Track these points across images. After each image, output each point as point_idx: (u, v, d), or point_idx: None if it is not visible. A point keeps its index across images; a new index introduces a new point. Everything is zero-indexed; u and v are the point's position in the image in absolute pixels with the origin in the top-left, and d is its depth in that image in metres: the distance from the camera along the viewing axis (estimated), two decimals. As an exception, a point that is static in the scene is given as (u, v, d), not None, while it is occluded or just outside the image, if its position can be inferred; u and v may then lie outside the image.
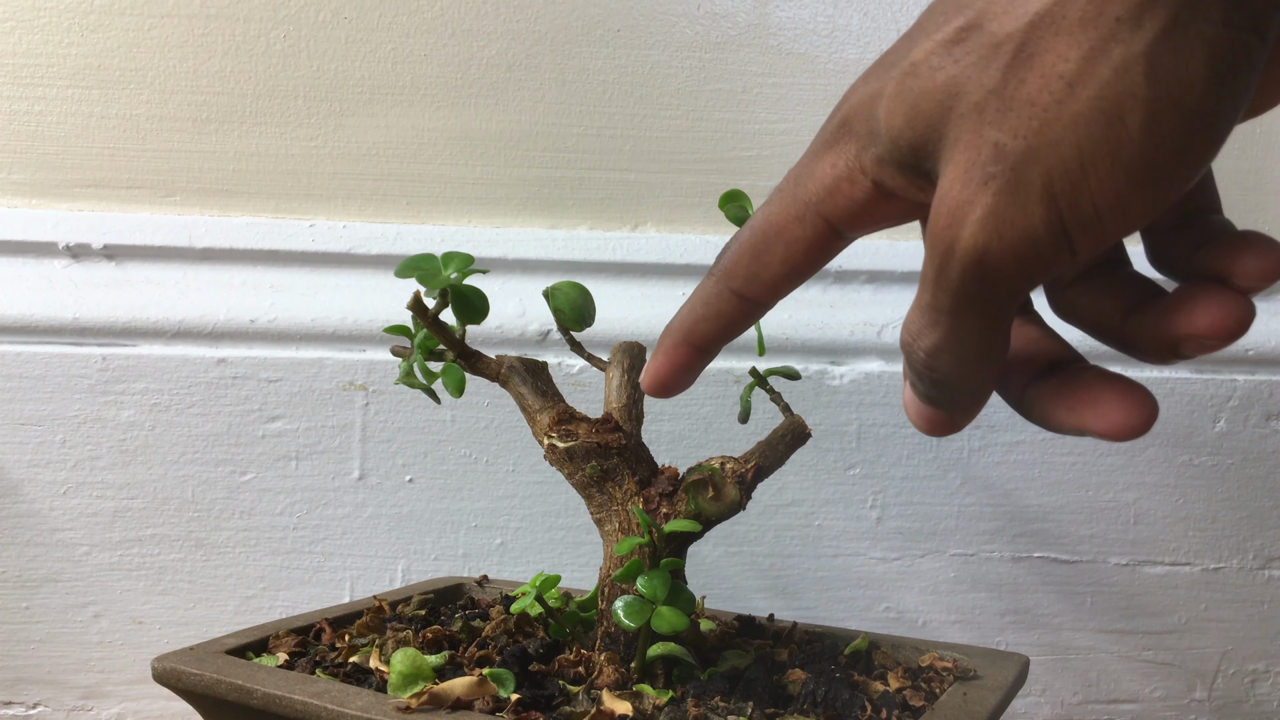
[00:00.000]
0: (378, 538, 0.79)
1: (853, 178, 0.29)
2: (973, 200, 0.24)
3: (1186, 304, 0.27)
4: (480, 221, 0.83)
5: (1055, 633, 0.83)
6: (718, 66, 0.84)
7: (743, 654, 0.52)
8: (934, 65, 0.26)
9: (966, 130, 0.25)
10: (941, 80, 0.25)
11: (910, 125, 0.26)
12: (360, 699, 0.43)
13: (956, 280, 0.25)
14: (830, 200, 0.29)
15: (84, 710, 0.78)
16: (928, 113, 0.26)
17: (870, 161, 0.28)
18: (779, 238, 0.31)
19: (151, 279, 0.79)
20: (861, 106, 0.28)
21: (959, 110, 0.25)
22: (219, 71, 0.80)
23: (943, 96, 0.25)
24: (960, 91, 0.25)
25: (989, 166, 0.24)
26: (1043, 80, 0.24)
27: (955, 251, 0.25)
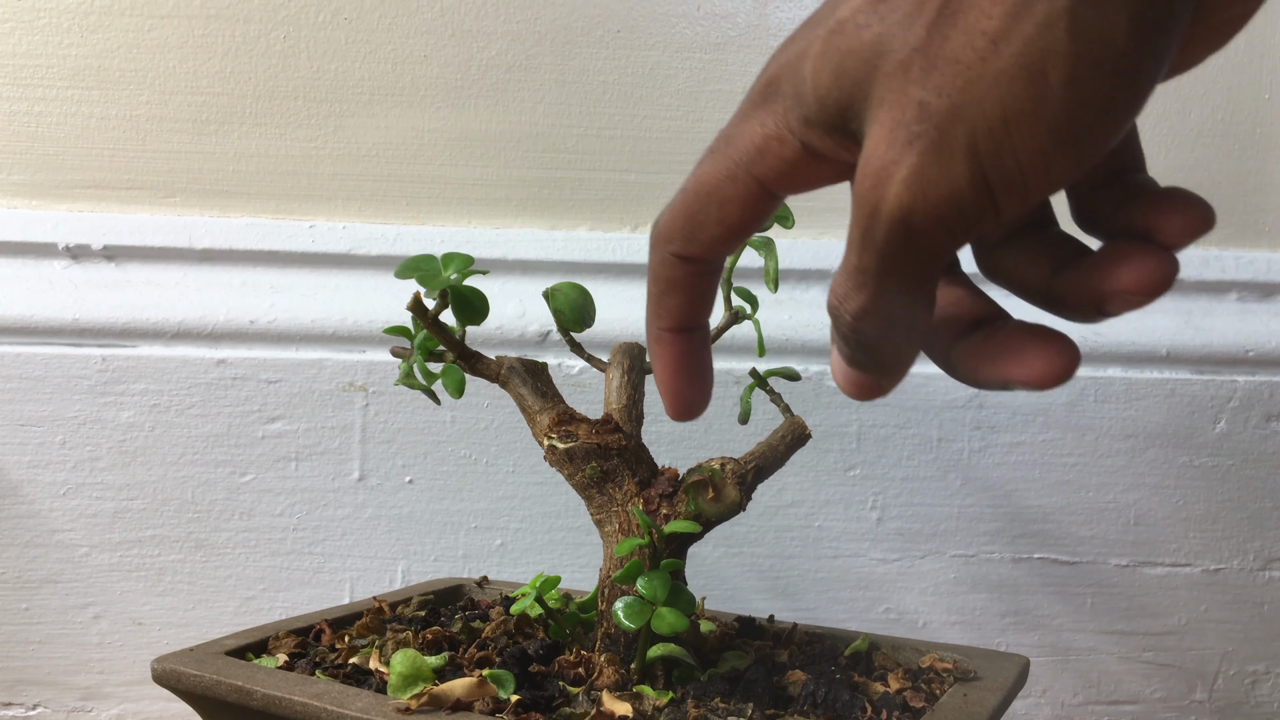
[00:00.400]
0: (377, 539, 0.79)
1: (781, 138, 0.28)
2: (898, 160, 0.24)
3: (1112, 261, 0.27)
4: (480, 222, 0.83)
5: (1056, 634, 0.83)
6: (718, 67, 0.84)
7: (743, 655, 0.52)
8: (859, 23, 0.25)
9: (891, 89, 0.24)
10: (867, 38, 0.25)
11: (836, 84, 0.26)
12: (360, 700, 0.43)
13: (882, 241, 0.25)
14: (760, 160, 0.29)
15: (84, 711, 0.78)
16: (853, 71, 0.25)
17: (797, 122, 0.28)
18: (712, 197, 0.30)
19: (151, 280, 0.79)
20: (788, 66, 0.28)
21: (884, 68, 0.25)
22: (219, 72, 0.80)
23: (868, 54, 0.25)
24: (885, 49, 0.25)
25: (914, 125, 0.24)
26: (966, 37, 0.23)
27: (881, 212, 0.25)
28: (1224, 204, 0.87)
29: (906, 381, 0.81)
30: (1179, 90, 0.86)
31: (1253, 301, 0.86)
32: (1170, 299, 0.85)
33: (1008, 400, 0.82)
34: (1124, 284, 0.27)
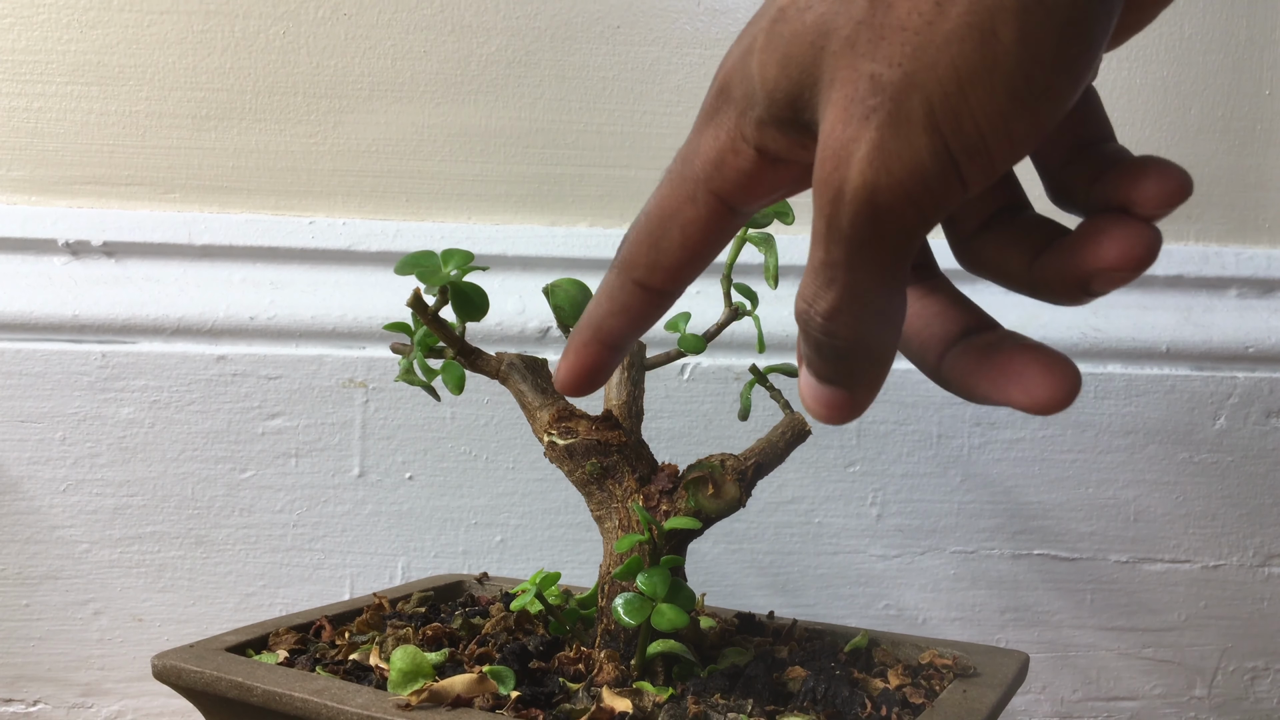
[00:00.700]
0: (378, 535, 0.79)
1: (736, 147, 0.27)
2: (855, 138, 0.23)
3: (1092, 238, 0.26)
4: (480, 218, 0.83)
5: (1055, 630, 0.83)
6: (717, 63, 0.83)
7: (743, 651, 0.52)
8: (801, 6, 0.24)
9: (841, 66, 0.23)
10: (811, 20, 0.24)
11: (784, 73, 0.25)
12: (360, 696, 0.43)
13: (848, 226, 0.24)
14: (718, 175, 0.28)
15: (84, 707, 0.78)
16: (799, 56, 0.24)
17: (751, 126, 0.27)
18: (673, 220, 0.29)
19: (151, 276, 0.79)
20: (736, 69, 0.27)
21: (830, 47, 0.24)
22: (218, 68, 0.80)
23: (813, 36, 0.24)
24: (829, 28, 0.24)
25: (868, 100, 0.23)
26: (910, 3, 0.23)
27: (844, 194, 0.24)
28: (1224, 200, 0.87)
29: (906, 379, 0.81)
30: (1179, 86, 0.86)
31: (1253, 298, 0.86)
32: (1170, 295, 0.85)
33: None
34: (1106, 260, 0.26)
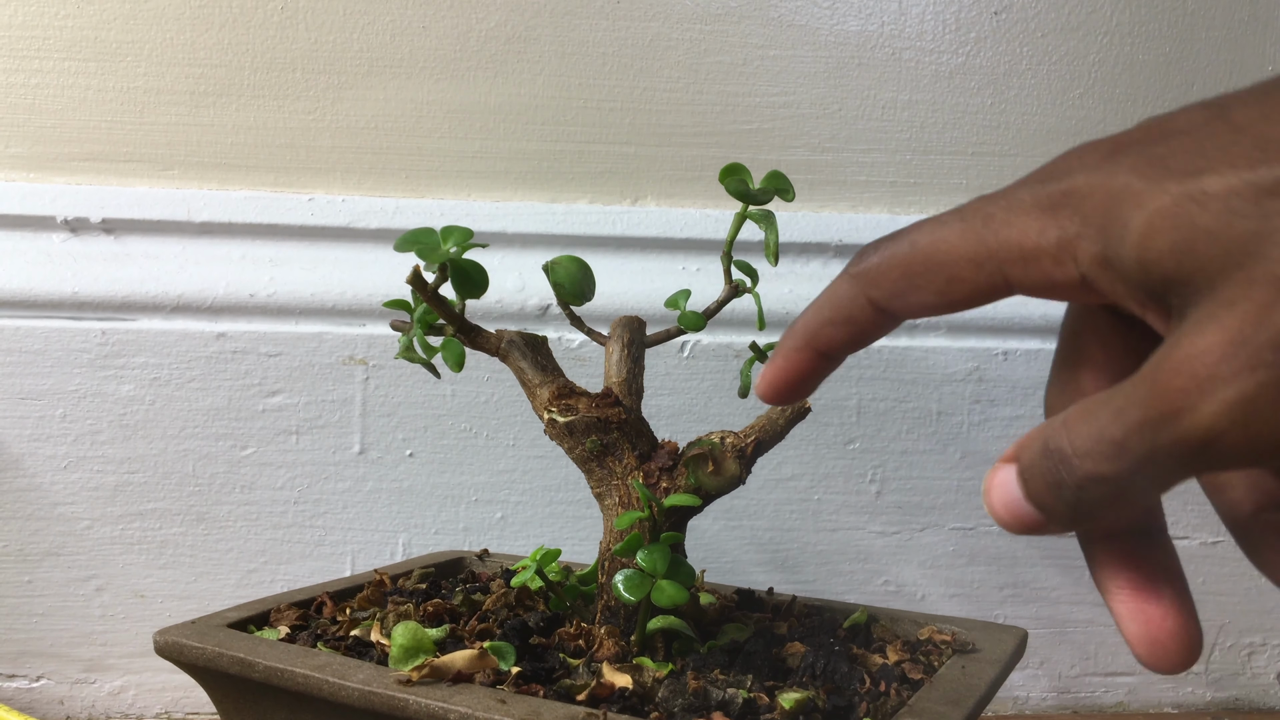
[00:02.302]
0: (378, 512, 0.80)
1: (1059, 258, 0.25)
2: (1228, 379, 0.21)
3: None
4: (480, 195, 0.83)
5: (1053, 606, 0.84)
6: (718, 38, 0.83)
7: (742, 627, 0.52)
8: (1234, 208, 0.22)
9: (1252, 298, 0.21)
10: (1240, 231, 0.22)
11: (1175, 258, 0.23)
12: (361, 672, 0.43)
13: (1166, 443, 0.23)
14: (1022, 265, 0.26)
15: (87, 683, 0.78)
16: (1205, 256, 0.22)
17: (1089, 256, 0.25)
18: (943, 269, 0.27)
19: (150, 253, 0.79)
20: (1103, 194, 0.24)
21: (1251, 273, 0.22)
22: (216, 44, 0.80)
23: (1234, 249, 0.22)
24: (1260, 254, 0.21)
25: (1265, 352, 0.21)
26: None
27: (1182, 419, 0.22)
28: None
29: (906, 355, 0.81)
30: (1181, 64, 0.85)
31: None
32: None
33: (1007, 374, 0.82)
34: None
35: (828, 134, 0.84)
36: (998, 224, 0.27)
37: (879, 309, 0.29)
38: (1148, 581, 0.27)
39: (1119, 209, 0.24)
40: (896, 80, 0.84)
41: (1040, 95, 0.85)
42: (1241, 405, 0.22)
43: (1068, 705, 0.84)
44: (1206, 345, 0.22)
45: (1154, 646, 0.26)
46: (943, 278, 0.28)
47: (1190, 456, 0.23)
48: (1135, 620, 0.27)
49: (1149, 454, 0.23)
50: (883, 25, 0.84)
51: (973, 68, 0.85)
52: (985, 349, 0.82)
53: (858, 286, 0.29)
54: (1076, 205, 0.25)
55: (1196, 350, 0.22)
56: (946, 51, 0.85)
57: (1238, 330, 0.22)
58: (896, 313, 0.29)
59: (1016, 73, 0.85)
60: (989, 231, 0.27)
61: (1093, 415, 0.24)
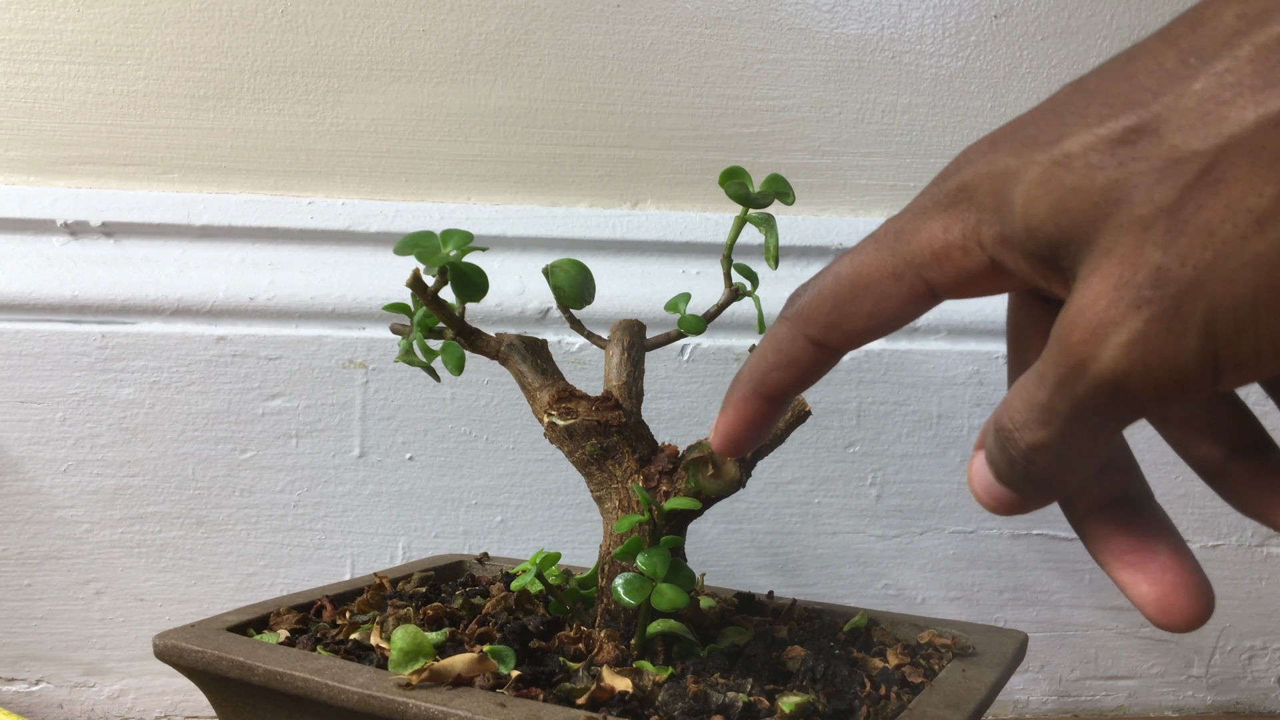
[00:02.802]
0: (378, 515, 0.79)
1: (967, 248, 0.27)
2: (1119, 321, 0.23)
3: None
4: (479, 199, 0.83)
5: (1054, 609, 0.83)
6: (718, 42, 0.83)
7: (742, 631, 0.52)
8: (1092, 163, 0.24)
9: (1124, 243, 0.23)
10: (1101, 182, 0.23)
11: (1054, 220, 0.24)
12: (361, 676, 0.43)
13: (1083, 395, 0.24)
14: (936, 265, 0.28)
15: (86, 686, 0.78)
16: (1077, 212, 0.24)
17: (991, 238, 0.26)
18: (869, 291, 0.29)
19: (150, 256, 0.79)
20: (990, 179, 0.26)
21: (1118, 219, 0.23)
22: (216, 47, 0.80)
23: (1099, 200, 0.23)
24: (1123, 199, 0.23)
25: (1146, 289, 0.23)
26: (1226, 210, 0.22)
27: (1089, 368, 0.24)
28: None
29: (906, 359, 0.81)
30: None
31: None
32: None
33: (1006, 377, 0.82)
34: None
35: (828, 137, 0.84)
36: (907, 235, 0.28)
37: (818, 345, 0.30)
38: (1143, 544, 0.28)
39: (1004, 189, 0.26)
40: (896, 84, 0.84)
41: (1040, 98, 0.85)
42: (1136, 343, 0.23)
43: (1068, 709, 0.84)
44: (1094, 295, 0.23)
45: (1162, 603, 0.27)
46: (870, 300, 0.29)
47: (1107, 403, 0.24)
48: (1139, 583, 0.27)
49: (1073, 410, 0.25)
50: (883, 29, 0.84)
51: (973, 71, 0.85)
52: (985, 352, 0.82)
53: (796, 327, 0.30)
54: (970, 196, 0.27)
55: (1087, 301, 0.23)
56: (946, 55, 0.85)
57: (1117, 275, 0.23)
58: (835, 346, 0.30)
59: (1017, 76, 0.85)
60: (901, 244, 0.28)
61: (1022, 388, 0.26)
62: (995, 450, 0.27)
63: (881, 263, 0.29)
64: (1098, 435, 0.25)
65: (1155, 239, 0.23)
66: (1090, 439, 0.25)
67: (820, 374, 0.31)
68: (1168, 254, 0.22)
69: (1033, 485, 0.27)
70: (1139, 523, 0.29)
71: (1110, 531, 0.29)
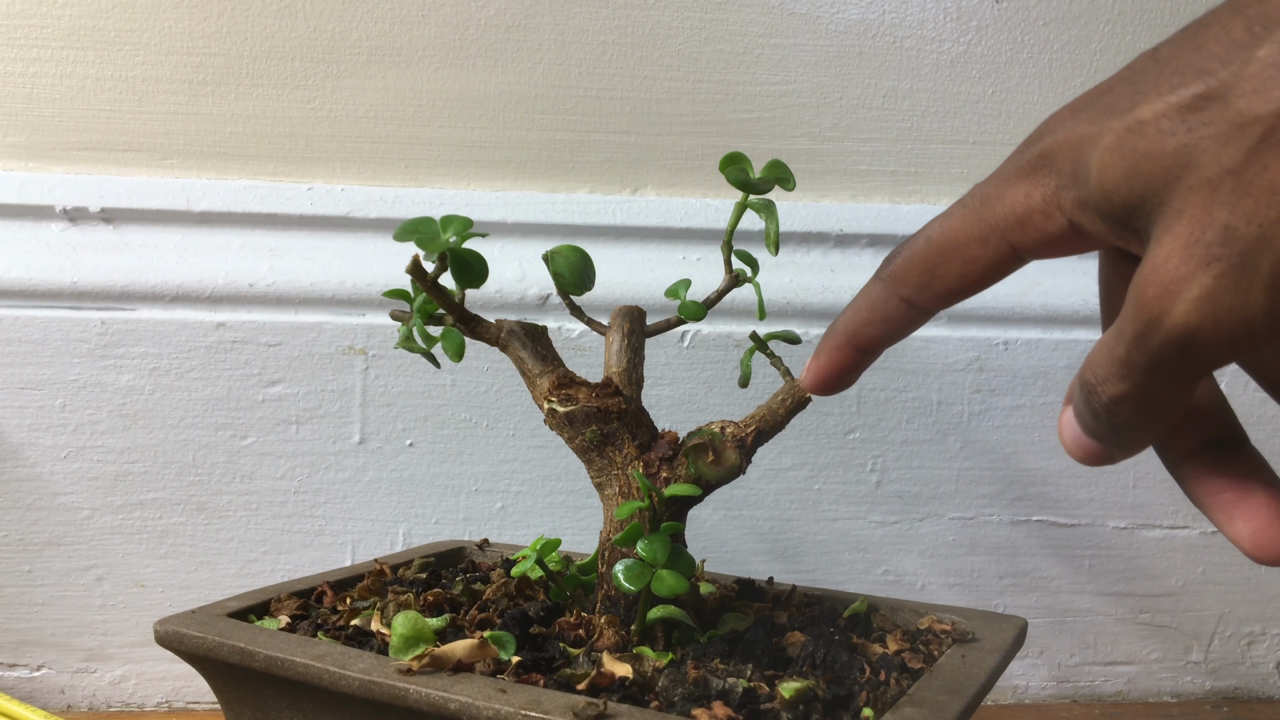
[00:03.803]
0: (379, 501, 0.80)
1: (1048, 212, 0.29)
2: (1190, 278, 0.24)
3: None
4: (479, 185, 0.83)
5: (1053, 595, 0.84)
6: (719, 27, 0.83)
7: (742, 617, 0.52)
8: (1164, 129, 0.25)
9: (1193, 204, 0.24)
10: (1171, 147, 0.25)
11: (1128, 184, 0.26)
12: (361, 661, 0.43)
13: (1158, 348, 0.25)
14: (1020, 229, 0.29)
15: (88, 672, 0.78)
16: (1149, 175, 0.25)
17: (1070, 202, 0.28)
18: (957, 254, 0.31)
19: (149, 242, 0.79)
20: (1069, 146, 0.28)
21: (1187, 182, 0.24)
22: (215, 32, 0.80)
23: (1170, 164, 0.25)
24: (1192, 163, 0.24)
25: (1214, 247, 0.24)
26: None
27: (1163, 323, 0.25)
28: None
29: (905, 346, 0.81)
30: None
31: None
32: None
33: (1008, 363, 0.82)
34: None
35: (828, 123, 0.84)
36: (993, 200, 0.30)
37: (910, 305, 0.32)
38: (1239, 484, 0.29)
39: (1082, 155, 0.27)
40: (897, 69, 0.84)
41: (1042, 84, 0.85)
42: (1206, 299, 0.24)
43: (1067, 694, 0.84)
44: (1166, 253, 0.25)
45: (1258, 539, 0.28)
46: (959, 262, 0.31)
47: (1180, 355, 0.25)
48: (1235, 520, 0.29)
49: (1150, 363, 0.26)
50: (883, 13, 0.84)
51: (974, 56, 0.84)
52: (986, 339, 0.82)
53: (889, 288, 0.33)
54: (1051, 163, 0.28)
55: (1159, 260, 0.25)
56: (948, 40, 0.84)
57: (1188, 234, 0.24)
58: (926, 305, 0.32)
59: (1018, 61, 0.85)
60: (987, 209, 0.30)
61: (1104, 343, 0.27)
62: (1081, 404, 0.29)
63: (968, 227, 0.30)
64: (1174, 386, 0.26)
65: (1222, 199, 0.24)
66: (1167, 390, 0.26)
67: (910, 330, 0.33)
68: (1234, 213, 0.23)
69: (1117, 436, 0.28)
70: (1234, 465, 0.30)
71: (1206, 474, 0.30)
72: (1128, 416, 0.28)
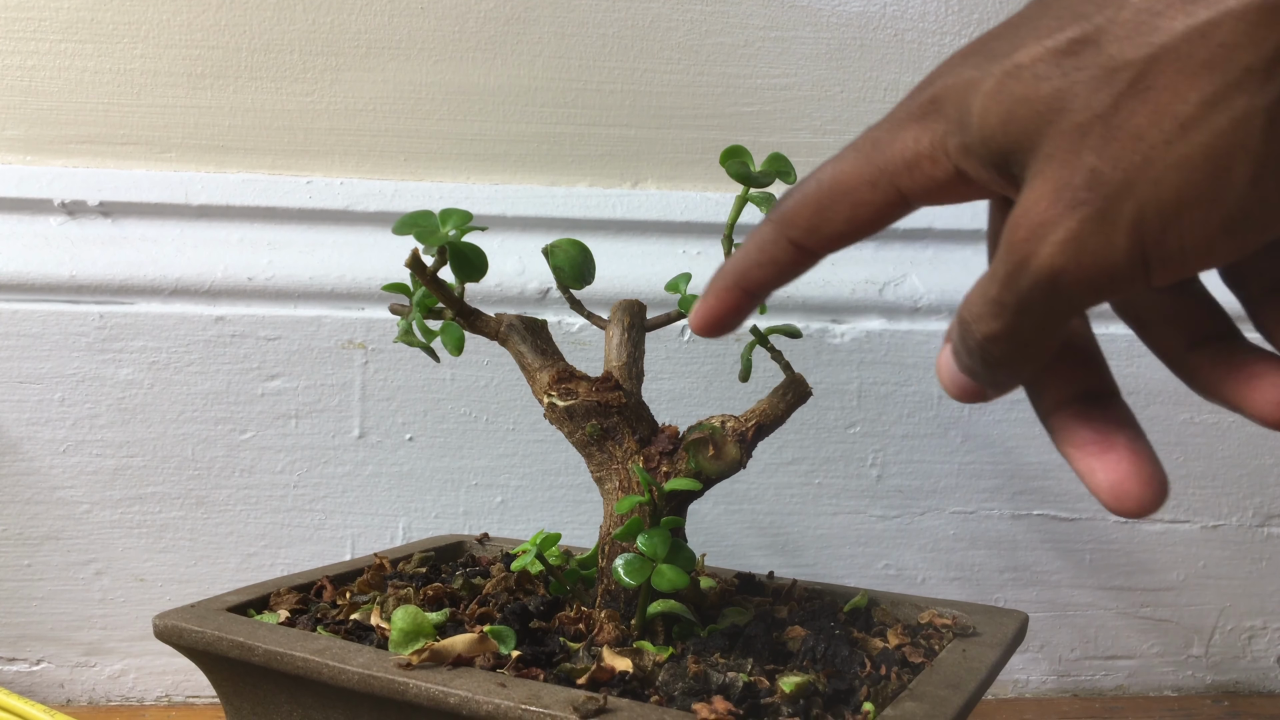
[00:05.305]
0: (378, 496, 0.79)
1: (935, 158, 0.29)
2: (1056, 221, 0.25)
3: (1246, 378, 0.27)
4: (479, 178, 0.82)
5: (1054, 590, 0.84)
6: (719, 19, 0.82)
7: (743, 611, 0.52)
8: (1039, 73, 0.25)
9: (1063, 148, 0.25)
10: (1045, 91, 0.25)
11: (1004, 128, 0.26)
12: (361, 656, 0.43)
13: (1025, 289, 0.26)
14: (908, 174, 0.29)
15: (87, 666, 0.78)
16: (1024, 120, 0.25)
17: (955, 148, 0.28)
18: (847, 197, 0.31)
19: (148, 236, 0.79)
20: (954, 91, 0.28)
21: (1059, 126, 0.25)
22: (213, 25, 0.79)
23: (1043, 108, 0.25)
24: (1064, 107, 0.25)
25: (1080, 191, 0.24)
26: (1155, 116, 0.23)
27: (1030, 265, 0.25)
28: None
29: (907, 339, 0.81)
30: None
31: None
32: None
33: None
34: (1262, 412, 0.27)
35: (829, 116, 0.84)
36: (883, 145, 0.30)
37: (799, 247, 0.32)
38: (1103, 435, 0.30)
39: (966, 100, 0.27)
40: (899, 62, 0.84)
41: (1043, 77, 0.85)
42: (1071, 242, 0.24)
43: (1068, 689, 0.84)
44: (1035, 196, 0.25)
45: (1116, 490, 0.29)
46: (847, 205, 0.31)
47: (1047, 296, 0.26)
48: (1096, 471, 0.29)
49: (1019, 303, 0.26)
50: (884, 6, 0.83)
51: (975, 49, 0.84)
52: (986, 332, 0.82)
53: (779, 230, 0.32)
54: (939, 108, 0.28)
55: (1029, 203, 0.25)
56: (949, 33, 0.84)
57: (1056, 178, 0.25)
58: (814, 248, 0.32)
59: (1019, 54, 0.84)
60: (877, 153, 0.30)
61: (979, 284, 0.28)
62: (958, 341, 0.29)
63: (859, 170, 0.30)
64: (1043, 326, 0.27)
65: (1091, 144, 0.24)
66: (1037, 329, 0.27)
67: (797, 274, 0.33)
68: (1101, 158, 0.24)
69: (989, 373, 0.29)
70: (1101, 416, 0.30)
71: (1073, 424, 0.30)
72: (999, 354, 0.28)
